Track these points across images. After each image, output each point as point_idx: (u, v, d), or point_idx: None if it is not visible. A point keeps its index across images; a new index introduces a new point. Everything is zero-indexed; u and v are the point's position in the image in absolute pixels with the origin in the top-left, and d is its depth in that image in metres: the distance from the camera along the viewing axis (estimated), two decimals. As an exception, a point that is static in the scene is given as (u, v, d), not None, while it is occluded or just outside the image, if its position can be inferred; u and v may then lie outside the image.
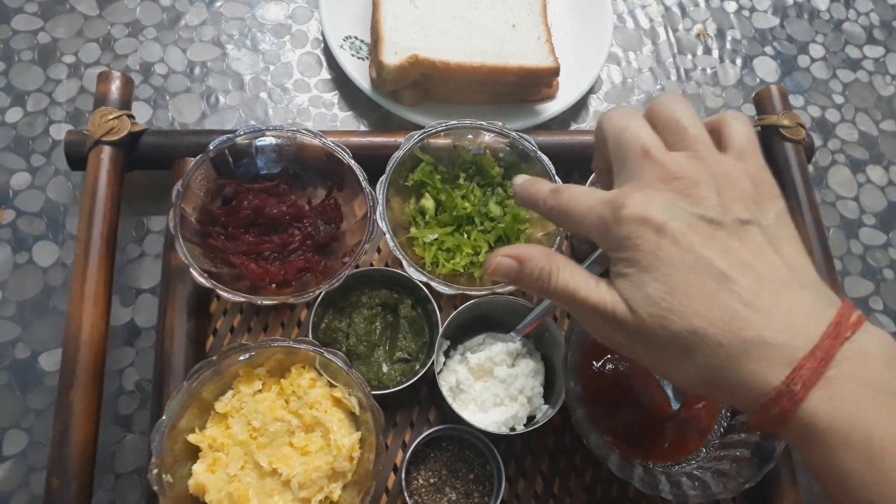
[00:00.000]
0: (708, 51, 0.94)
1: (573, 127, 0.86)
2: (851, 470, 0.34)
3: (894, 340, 0.38)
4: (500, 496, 0.60)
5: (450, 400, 0.62)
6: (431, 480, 0.62)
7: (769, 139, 0.79)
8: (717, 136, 0.45)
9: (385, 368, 0.65)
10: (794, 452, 0.66)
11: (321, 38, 0.87)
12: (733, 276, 0.37)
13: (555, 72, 0.77)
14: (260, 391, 0.60)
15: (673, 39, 0.94)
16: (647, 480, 0.57)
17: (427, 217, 0.69)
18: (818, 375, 0.35)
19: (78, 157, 0.70)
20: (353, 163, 0.66)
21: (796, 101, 0.92)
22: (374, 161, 0.67)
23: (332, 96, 0.84)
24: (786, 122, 0.78)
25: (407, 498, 0.60)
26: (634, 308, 0.39)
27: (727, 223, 0.39)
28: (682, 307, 0.37)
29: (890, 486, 0.34)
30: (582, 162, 0.75)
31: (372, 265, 0.71)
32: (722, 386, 0.38)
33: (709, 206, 0.39)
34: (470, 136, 0.70)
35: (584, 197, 0.43)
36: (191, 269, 0.59)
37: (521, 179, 0.50)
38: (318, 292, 0.61)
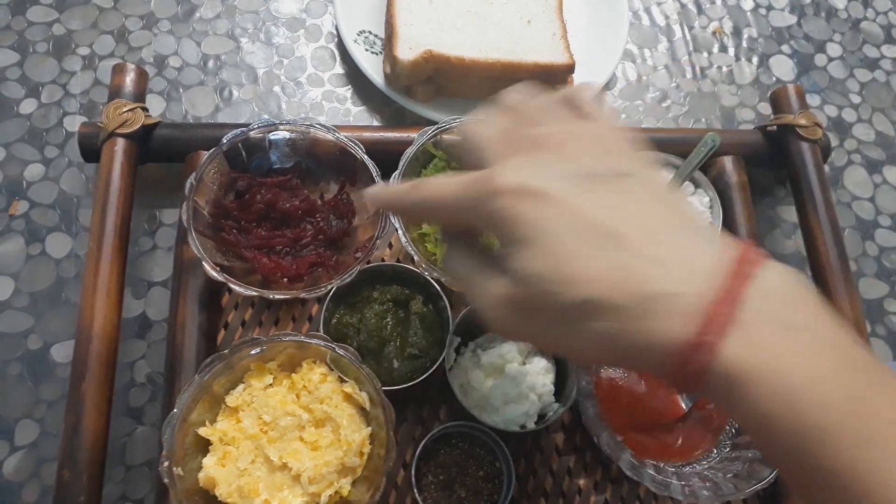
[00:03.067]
0: (724, 49, 0.94)
1: (587, 124, 0.86)
2: (773, 415, 0.32)
3: (798, 273, 0.35)
4: (510, 494, 0.60)
5: (460, 397, 0.62)
6: (441, 477, 0.62)
7: (785, 138, 0.78)
8: (570, 108, 0.42)
9: (396, 364, 0.65)
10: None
11: (335, 32, 0.87)
12: (624, 231, 0.34)
13: (570, 68, 0.77)
14: (271, 385, 0.60)
15: (689, 37, 0.94)
16: (658, 480, 0.57)
17: (439, 213, 0.69)
18: (730, 320, 0.32)
19: (92, 149, 0.70)
20: (366, 158, 0.65)
21: (813, 100, 0.92)
22: (386, 156, 0.67)
23: (346, 91, 0.84)
24: (802, 121, 0.78)
25: (416, 494, 0.60)
26: (524, 288, 0.36)
27: (603, 177, 0.36)
28: (573, 276, 0.34)
29: (812, 430, 0.31)
30: (596, 159, 0.75)
31: (383, 261, 0.71)
32: (630, 353, 0.34)
33: (584, 162, 0.37)
34: (483, 133, 0.69)
35: (450, 182, 0.40)
36: (203, 263, 0.59)
37: (371, 189, 0.49)
38: (329, 287, 0.61)
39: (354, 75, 0.84)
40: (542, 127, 0.40)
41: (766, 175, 0.85)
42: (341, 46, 0.86)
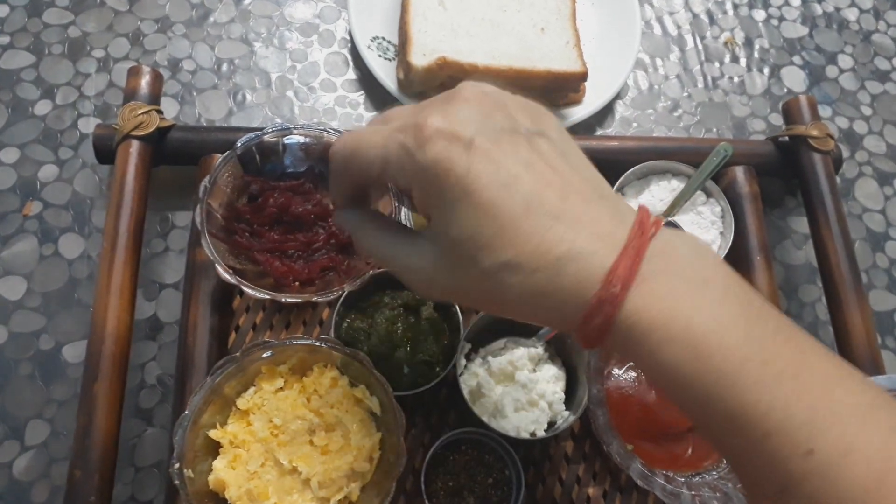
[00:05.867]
0: (735, 59, 0.94)
1: (598, 132, 0.86)
2: (677, 364, 0.34)
3: (696, 237, 0.38)
4: (519, 501, 0.60)
5: (470, 403, 0.62)
6: (450, 484, 0.62)
7: (797, 149, 0.78)
8: None
9: (406, 370, 0.65)
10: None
11: (348, 37, 0.87)
12: (541, 191, 0.36)
13: (583, 76, 0.77)
14: (282, 389, 0.60)
15: (700, 47, 0.94)
16: (668, 490, 0.57)
17: (451, 219, 0.69)
18: (633, 274, 0.34)
19: (106, 151, 0.70)
20: (379, 163, 0.65)
21: (824, 111, 0.92)
22: (399, 162, 0.67)
23: (358, 96, 0.84)
24: (815, 132, 0.78)
25: (426, 500, 0.59)
26: (444, 254, 0.38)
27: (523, 134, 0.37)
28: (492, 239, 0.35)
29: (713, 374, 0.33)
30: (607, 167, 0.74)
31: (394, 266, 0.71)
32: (546, 309, 0.36)
33: (503, 117, 0.37)
34: (496, 140, 0.70)
35: (375, 130, 0.39)
36: (216, 265, 0.59)
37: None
38: (341, 292, 0.61)
39: (367, 81, 0.85)
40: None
41: (777, 185, 0.85)
42: (354, 52, 0.86)
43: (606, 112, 0.87)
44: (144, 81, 0.72)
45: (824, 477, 0.31)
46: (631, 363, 0.66)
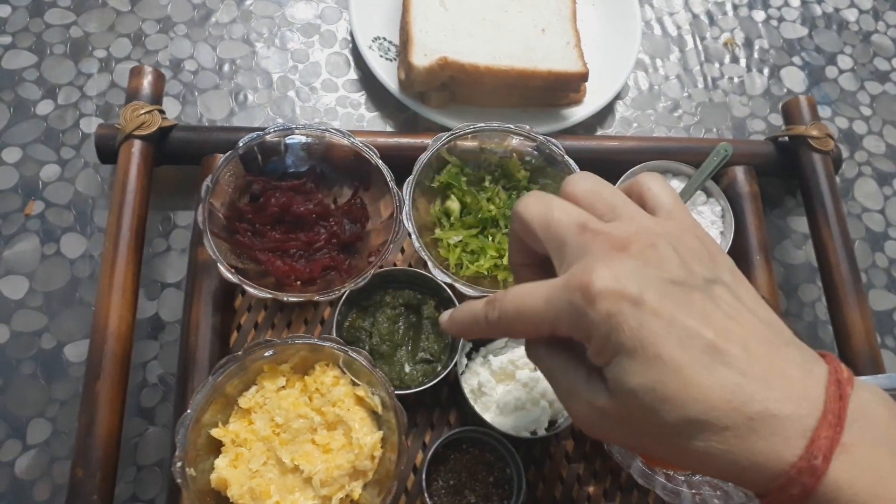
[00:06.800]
0: (735, 60, 0.94)
1: (599, 132, 0.86)
2: None
3: (882, 391, 0.35)
4: (520, 500, 0.60)
5: (471, 402, 0.62)
6: (451, 482, 0.62)
7: (797, 149, 0.79)
8: (639, 201, 0.42)
9: (407, 368, 0.65)
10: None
11: (350, 38, 0.88)
12: (722, 344, 0.34)
13: (583, 77, 0.77)
14: (283, 387, 0.60)
15: (700, 47, 0.94)
16: (668, 488, 0.57)
17: (452, 219, 0.70)
18: (835, 444, 0.32)
19: (108, 151, 0.70)
20: (380, 163, 0.66)
21: (823, 112, 0.92)
22: (400, 162, 0.67)
23: (360, 97, 0.85)
24: (814, 132, 0.78)
25: (427, 499, 0.60)
26: (622, 402, 0.36)
27: (696, 285, 0.36)
28: (676, 394, 0.34)
29: None
30: (607, 168, 0.75)
31: (395, 265, 0.71)
32: (730, 470, 0.34)
33: (673, 267, 0.36)
34: (497, 139, 0.70)
35: (534, 291, 0.38)
36: (218, 265, 0.60)
37: (445, 315, 0.46)
38: (342, 291, 0.62)
39: (368, 81, 0.85)
40: (618, 223, 0.39)
41: (777, 185, 0.85)
42: (356, 52, 0.86)
43: (607, 112, 0.87)
44: (146, 81, 0.72)
45: None
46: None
